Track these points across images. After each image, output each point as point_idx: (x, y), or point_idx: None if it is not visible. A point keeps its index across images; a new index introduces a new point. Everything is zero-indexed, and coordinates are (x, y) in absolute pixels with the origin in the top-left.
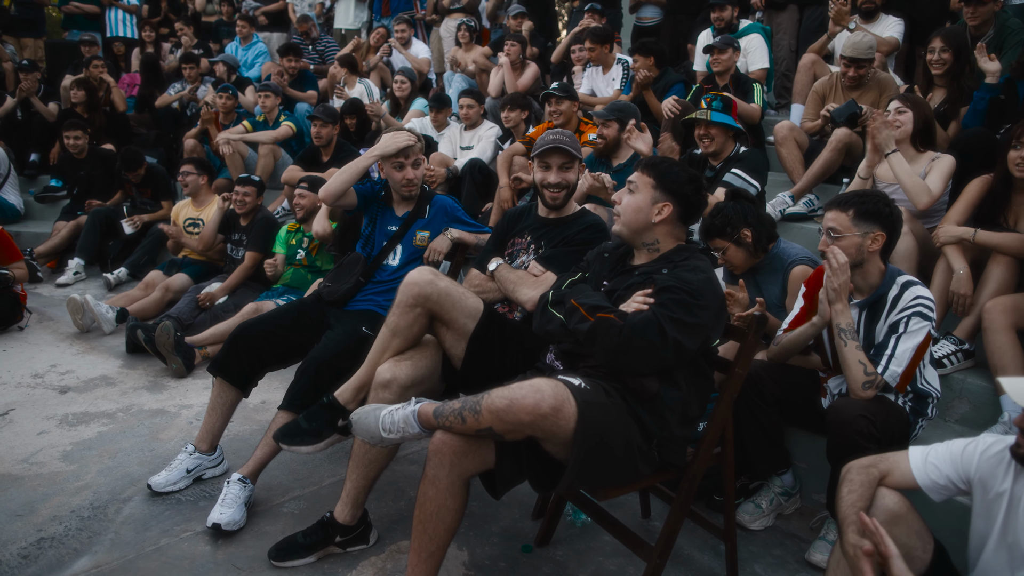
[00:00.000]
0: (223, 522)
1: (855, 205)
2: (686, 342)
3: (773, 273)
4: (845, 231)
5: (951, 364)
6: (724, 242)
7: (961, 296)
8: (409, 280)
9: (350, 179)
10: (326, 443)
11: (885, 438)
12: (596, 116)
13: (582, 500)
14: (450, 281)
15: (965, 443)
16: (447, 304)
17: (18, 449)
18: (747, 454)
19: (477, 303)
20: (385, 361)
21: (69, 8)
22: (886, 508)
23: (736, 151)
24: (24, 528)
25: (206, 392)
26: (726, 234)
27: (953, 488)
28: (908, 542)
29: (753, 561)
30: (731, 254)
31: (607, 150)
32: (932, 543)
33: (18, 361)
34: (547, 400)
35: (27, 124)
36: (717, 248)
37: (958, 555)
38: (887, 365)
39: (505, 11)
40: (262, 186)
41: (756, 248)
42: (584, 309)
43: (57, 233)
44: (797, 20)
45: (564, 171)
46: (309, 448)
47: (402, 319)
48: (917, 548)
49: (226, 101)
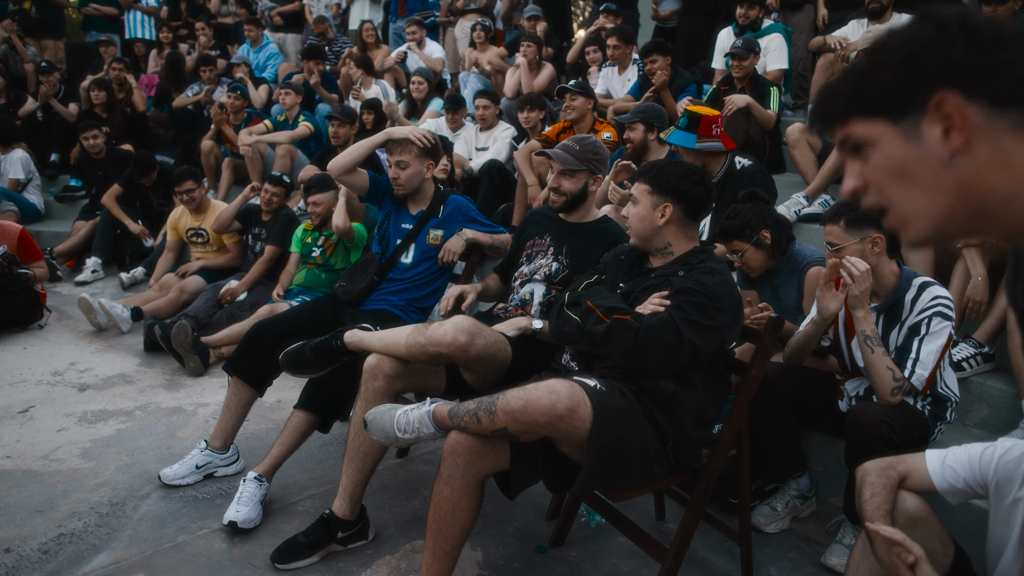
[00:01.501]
0: (239, 520)
1: (844, 214)
2: (702, 344)
3: (789, 276)
4: (842, 242)
5: (970, 367)
6: (743, 244)
7: (976, 303)
8: (441, 340)
9: (360, 155)
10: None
11: (904, 443)
12: (619, 120)
13: (596, 501)
14: (484, 344)
15: (983, 447)
16: (474, 365)
17: (38, 446)
18: (763, 456)
19: (505, 357)
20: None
21: (88, 10)
22: (906, 511)
23: (729, 168)
24: (44, 524)
25: (222, 390)
26: (745, 236)
27: (970, 492)
28: (929, 546)
29: (768, 564)
30: (749, 256)
31: (635, 153)
32: (953, 547)
33: (38, 359)
34: (563, 401)
35: (48, 125)
36: (735, 250)
37: (976, 559)
38: (913, 369)
39: (520, 12)
40: (290, 187)
41: (775, 250)
42: (600, 311)
43: (76, 232)
44: (814, 20)
45: (562, 178)
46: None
47: (420, 362)
48: (938, 552)
49: (234, 100)
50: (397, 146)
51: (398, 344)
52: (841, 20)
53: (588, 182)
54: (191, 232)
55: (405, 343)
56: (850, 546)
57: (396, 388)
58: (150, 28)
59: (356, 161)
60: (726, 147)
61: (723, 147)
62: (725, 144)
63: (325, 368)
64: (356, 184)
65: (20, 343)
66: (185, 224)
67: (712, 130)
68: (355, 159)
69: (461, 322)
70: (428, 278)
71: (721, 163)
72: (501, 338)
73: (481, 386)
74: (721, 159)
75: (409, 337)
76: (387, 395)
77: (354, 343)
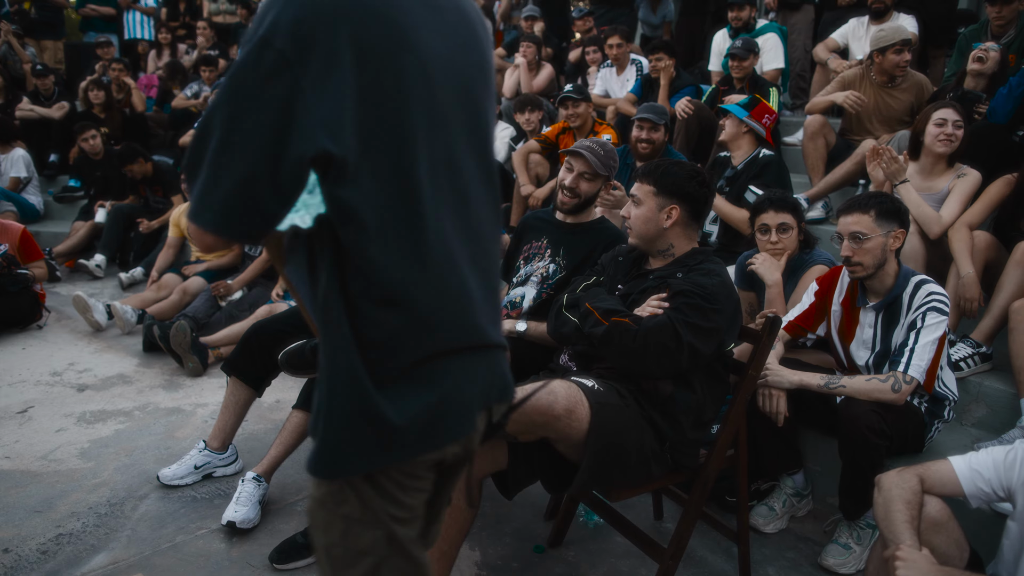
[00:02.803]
0: (238, 520)
1: (875, 205)
2: (701, 346)
3: (792, 275)
4: (871, 232)
5: (968, 367)
6: (794, 220)
7: (968, 300)
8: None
9: None
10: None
11: (897, 436)
12: (643, 119)
13: (594, 501)
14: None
15: (1006, 450)
16: None
17: (37, 446)
18: (759, 453)
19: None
20: None
21: (86, 11)
22: (928, 516)
23: (757, 154)
24: (43, 524)
25: (221, 391)
26: (799, 213)
27: (994, 496)
28: (947, 551)
29: (766, 564)
30: (792, 236)
31: (654, 154)
32: (968, 551)
33: (37, 359)
34: (560, 401)
35: (46, 125)
36: (783, 224)
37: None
38: (909, 360)
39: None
40: None
41: (801, 244)
42: (599, 313)
43: (75, 233)
44: (812, 20)
45: (582, 179)
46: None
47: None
48: (955, 557)
49: None
50: None
51: None
52: (840, 18)
53: (601, 187)
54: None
55: None
56: (846, 545)
57: None
58: (149, 28)
59: None
60: (766, 136)
61: (763, 132)
62: (766, 134)
63: None
64: None
65: (19, 343)
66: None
67: (763, 118)
68: None
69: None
70: None
71: (748, 152)
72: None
73: None
74: (750, 147)
75: None
76: None
77: None
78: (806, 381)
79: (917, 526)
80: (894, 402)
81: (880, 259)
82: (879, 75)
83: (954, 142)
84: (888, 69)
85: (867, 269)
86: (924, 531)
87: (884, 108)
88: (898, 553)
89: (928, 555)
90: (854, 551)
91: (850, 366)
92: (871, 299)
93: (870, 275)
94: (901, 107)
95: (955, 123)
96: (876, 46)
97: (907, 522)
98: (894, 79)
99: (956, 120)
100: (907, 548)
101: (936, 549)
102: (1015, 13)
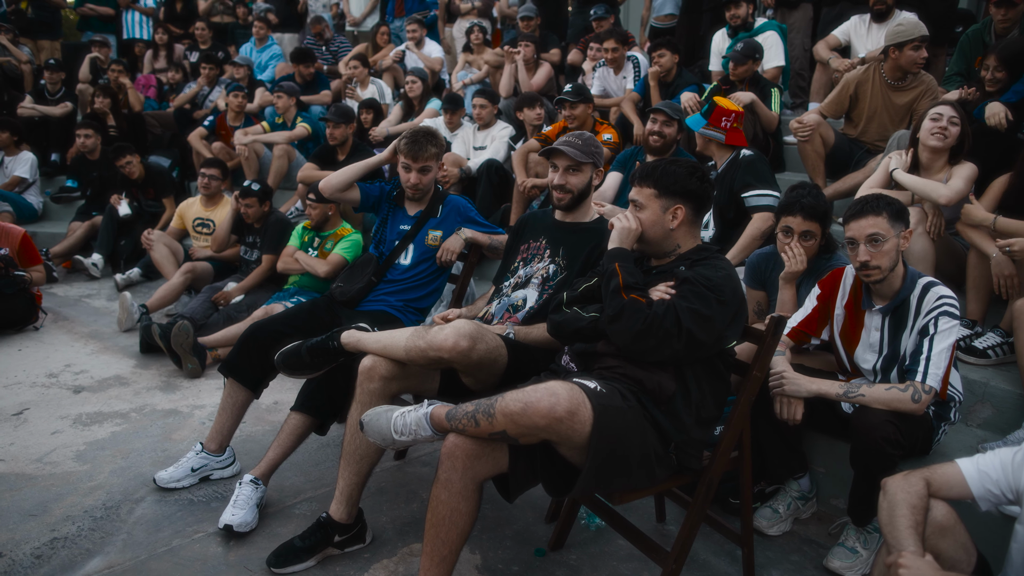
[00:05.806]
0: (235, 523)
1: (886, 207)
2: (698, 333)
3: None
4: (888, 234)
5: (996, 356)
6: (820, 227)
7: (1007, 277)
8: (442, 345)
9: (354, 176)
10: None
11: (910, 443)
12: (658, 111)
13: (596, 504)
14: (486, 350)
15: (1013, 451)
16: (474, 371)
17: (32, 448)
18: (764, 457)
19: (505, 361)
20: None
21: (84, 10)
22: (934, 520)
23: (736, 156)
24: (37, 528)
25: (219, 392)
26: (826, 222)
27: (1003, 498)
28: (954, 556)
29: (770, 567)
30: (812, 246)
31: (664, 149)
32: (976, 555)
33: (33, 361)
34: (562, 404)
35: (45, 125)
36: (809, 234)
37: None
38: (927, 369)
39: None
40: (265, 192)
41: (820, 250)
42: (622, 277)
43: (72, 233)
44: (811, 18)
45: (568, 174)
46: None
47: (418, 366)
48: (962, 561)
49: (242, 100)
50: (422, 151)
51: (396, 347)
52: (841, 16)
53: (592, 176)
54: (198, 222)
55: (404, 346)
56: (852, 549)
57: (392, 390)
58: (148, 29)
59: (349, 182)
60: (726, 140)
61: (722, 139)
62: (727, 138)
63: (321, 369)
64: (348, 199)
65: (15, 345)
66: (195, 212)
67: (721, 122)
68: (348, 180)
69: (463, 327)
70: (426, 279)
71: (726, 155)
72: (501, 342)
73: (478, 388)
74: (726, 151)
75: (408, 340)
76: (383, 397)
77: (351, 344)
78: (824, 390)
79: (922, 531)
80: (914, 412)
81: (894, 261)
82: (892, 72)
83: (947, 137)
84: (905, 65)
85: (884, 272)
86: (930, 535)
87: (890, 107)
88: (900, 560)
89: (931, 561)
90: (860, 555)
91: (852, 369)
92: (877, 302)
93: (885, 278)
94: (907, 106)
95: (950, 119)
96: (893, 41)
97: (911, 528)
98: (905, 76)
99: (952, 116)
100: (910, 555)
101: (943, 554)
102: (1020, 15)
